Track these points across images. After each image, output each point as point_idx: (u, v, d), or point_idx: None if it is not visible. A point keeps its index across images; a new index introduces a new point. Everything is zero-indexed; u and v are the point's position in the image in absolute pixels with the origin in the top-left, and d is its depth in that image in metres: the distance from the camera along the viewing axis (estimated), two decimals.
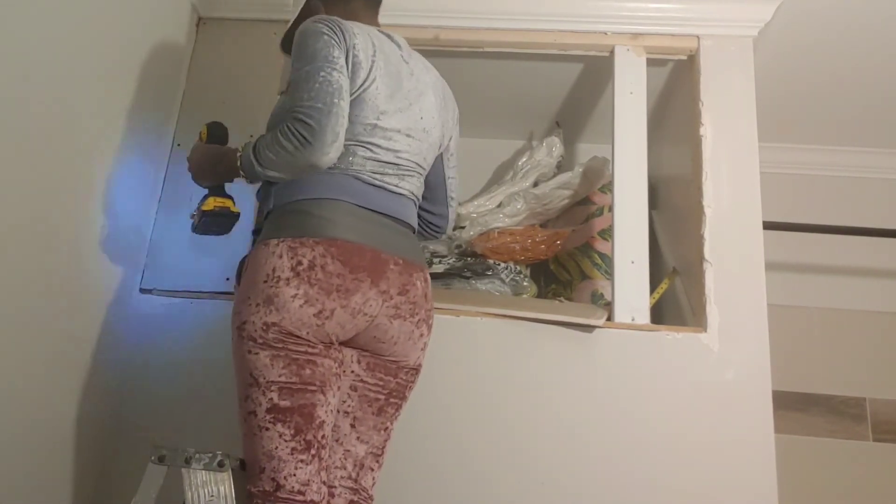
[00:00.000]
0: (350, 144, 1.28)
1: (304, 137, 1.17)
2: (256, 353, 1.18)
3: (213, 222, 1.41)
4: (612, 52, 1.94)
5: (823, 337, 2.42)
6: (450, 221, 1.57)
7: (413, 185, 1.39)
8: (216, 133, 1.46)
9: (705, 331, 1.67)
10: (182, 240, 1.81)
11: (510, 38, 1.98)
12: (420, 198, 1.45)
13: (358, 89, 1.28)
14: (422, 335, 1.35)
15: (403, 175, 1.36)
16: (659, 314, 2.01)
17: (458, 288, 2.05)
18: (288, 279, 1.18)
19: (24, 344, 1.37)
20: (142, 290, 1.78)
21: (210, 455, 1.19)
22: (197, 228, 1.43)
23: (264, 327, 1.18)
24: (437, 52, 2.03)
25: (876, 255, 2.47)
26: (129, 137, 1.68)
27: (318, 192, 1.27)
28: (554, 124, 2.47)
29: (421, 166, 1.41)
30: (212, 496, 1.17)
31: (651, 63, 1.94)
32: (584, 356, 1.66)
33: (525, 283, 2.11)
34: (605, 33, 1.94)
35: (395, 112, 1.33)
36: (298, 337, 1.19)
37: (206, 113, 1.91)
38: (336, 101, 1.20)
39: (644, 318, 1.70)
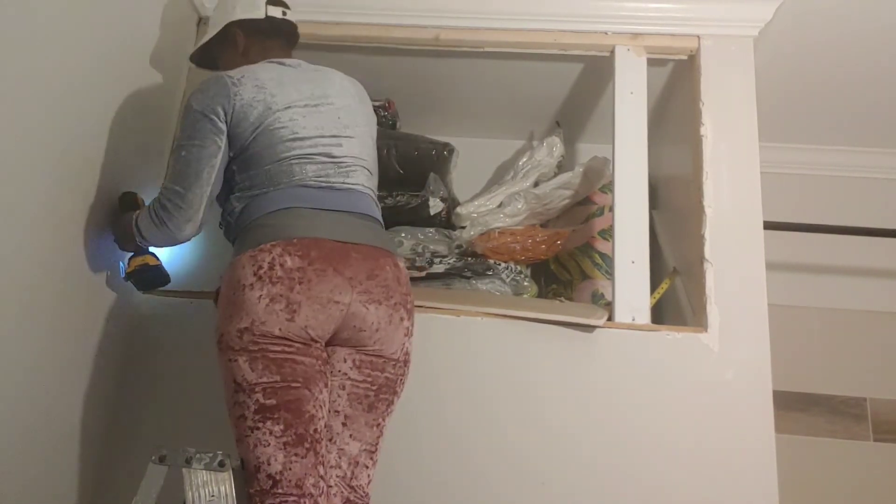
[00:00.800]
0: (283, 163, 1.37)
1: (163, 220, 1.39)
2: (235, 360, 1.23)
3: (143, 279, 1.59)
4: (612, 51, 1.94)
5: (823, 337, 2.42)
6: None
7: (361, 179, 1.44)
8: (124, 202, 1.62)
9: (706, 331, 1.67)
10: None
11: (510, 38, 1.98)
12: (374, 190, 1.49)
13: (258, 128, 1.37)
14: (402, 319, 1.36)
15: (347, 172, 1.42)
16: (659, 314, 2.01)
17: (459, 288, 2.05)
18: (252, 284, 1.24)
19: (24, 344, 1.37)
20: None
21: (210, 455, 1.19)
22: (137, 286, 1.65)
23: (238, 334, 1.23)
24: (438, 52, 2.04)
25: (876, 255, 2.46)
26: (129, 137, 1.68)
27: (272, 207, 1.34)
28: (554, 124, 2.47)
29: (362, 158, 1.47)
30: (212, 496, 1.17)
31: (651, 63, 1.94)
32: (584, 356, 1.66)
33: (525, 283, 2.11)
34: (606, 33, 1.95)
35: (310, 119, 1.41)
36: (272, 336, 1.22)
37: None
38: (192, 182, 1.37)
39: (644, 318, 1.70)
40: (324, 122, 1.42)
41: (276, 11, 1.57)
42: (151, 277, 1.59)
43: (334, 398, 1.32)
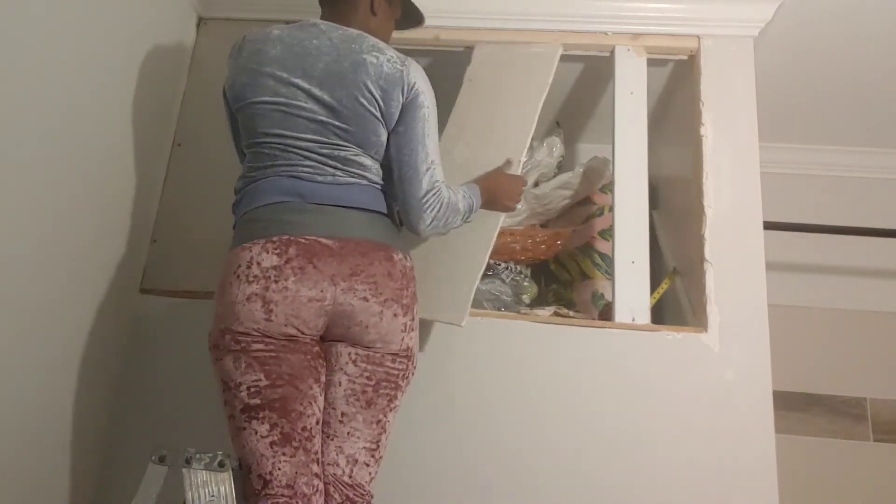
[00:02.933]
0: (266, 146, 1.33)
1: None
2: (220, 360, 1.25)
3: None
4: (612, 52, 1.94)
5: (823, 337, 2.42)
6: (411, 207, 1.35)
7: (359, 171, 1.34)
8: None
9: (706, 331, 1.67)
10: (182, 240, 1.81)
11: (510, 38, 1.98)
12: (377, 180, 1.37)
13: (254, 102, 1.33)
14: (395, 315, 1.30)
15: (341, 167, 1.33)
16: (659, 314, 2.01)
17: None
18: (231, 283, 1.24)
19: (24, 344, 1.37)
20: (142, 290, 1.78)
21: (210, 455, 1.19)
22: None
23: (220, 334, 1.25)
24: (438, 52, 2.03)
25: (876, 255, 2.47)
26: (129, 137, 1.68)
27: (265, 199, 1.31)
28: (554, 124, 2.47)
29: (359, 147, 1.33)
30: (212, 496, 1.17)
31: (651, 63, 1.94)
32: (583, 356, 1.66)
33: (525, 284, 2.11)
34: (606, 33, 1.94)
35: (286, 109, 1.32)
36: (252, 335, 1.22)
37: (206, 113, 1.91)
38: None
39: (644, 318, 1.69)
40: (319, 101, 1.31)
41: None
42: None
43: (331, 394, 1.30)
